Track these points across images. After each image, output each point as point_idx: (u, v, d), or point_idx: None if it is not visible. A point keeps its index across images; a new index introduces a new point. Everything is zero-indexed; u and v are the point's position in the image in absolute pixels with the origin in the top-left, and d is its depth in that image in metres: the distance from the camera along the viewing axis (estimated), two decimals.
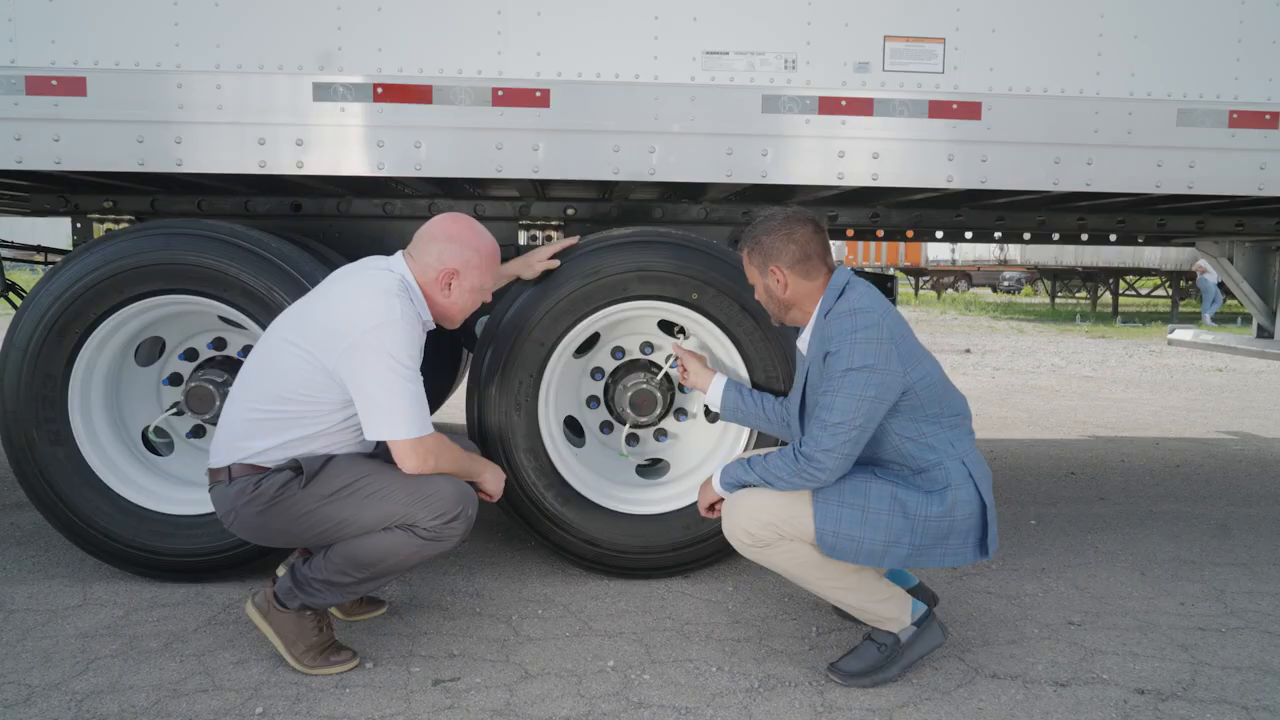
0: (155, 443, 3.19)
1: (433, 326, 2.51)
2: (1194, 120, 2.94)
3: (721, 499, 2.49)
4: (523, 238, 3.67)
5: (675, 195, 3.88)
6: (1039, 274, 23.24)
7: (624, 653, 2.54)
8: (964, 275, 26.78)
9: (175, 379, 3.19)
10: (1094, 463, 5.14)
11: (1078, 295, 24.18)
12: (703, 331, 3.07)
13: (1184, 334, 5.95)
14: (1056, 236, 4.40)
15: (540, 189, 3.53)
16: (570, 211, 3.55)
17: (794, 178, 2.90)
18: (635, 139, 2.83)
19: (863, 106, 2.87)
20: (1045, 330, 16.02)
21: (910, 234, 4.67)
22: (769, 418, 2.74)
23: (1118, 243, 4.56)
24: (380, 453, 2.44)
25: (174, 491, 3.03)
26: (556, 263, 2.94)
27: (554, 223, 3.64)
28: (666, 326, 3.23)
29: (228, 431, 2.36)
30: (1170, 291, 20.44)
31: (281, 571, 2.57)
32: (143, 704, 2.20)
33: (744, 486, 2.39)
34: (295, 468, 2.31)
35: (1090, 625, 2.78)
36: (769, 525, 2.29)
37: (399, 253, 2.46)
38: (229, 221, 2.98)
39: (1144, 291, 22.43)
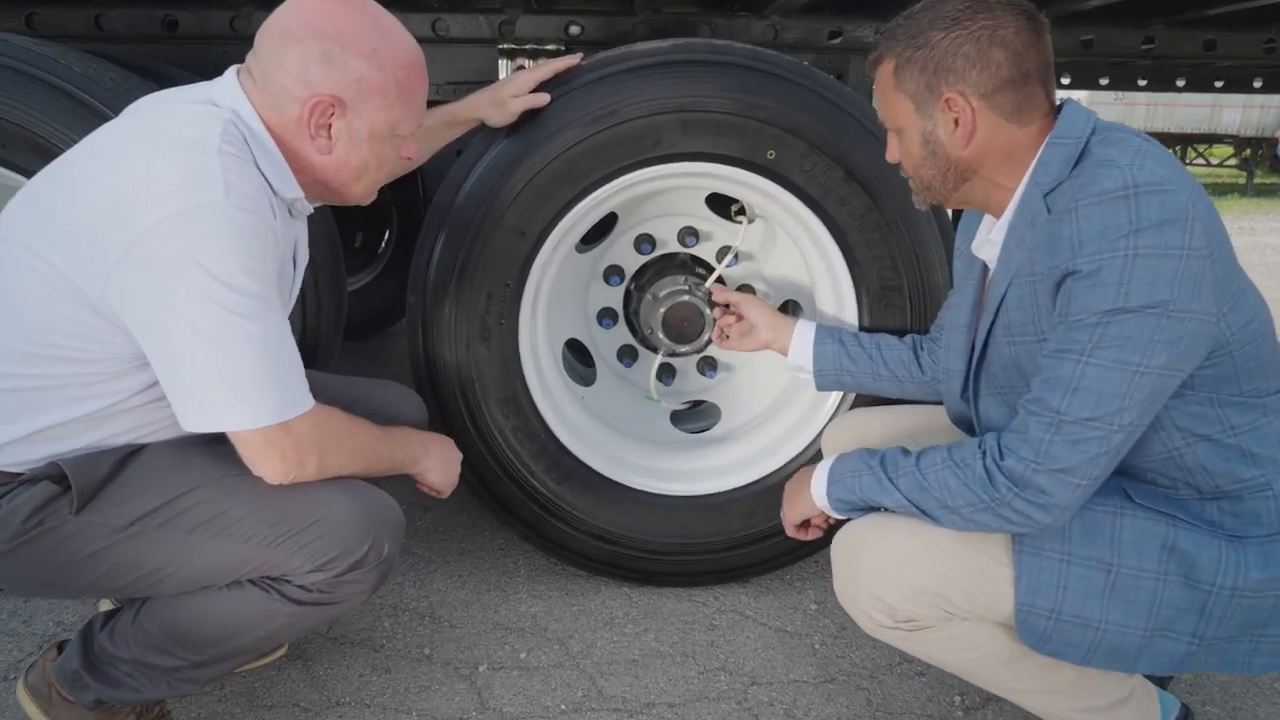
0: None
1: (309, 209, 1.40)
2: None
3: (826, 516, 1.44)
4: (504, 71, 2.49)
5: (727, 6, 2.66)
6: None
7: None
8: None
9: None
10: None
11: None
12: (779, 212, 1.94)
13: None
14: None
15: None
16: (574, 30, 2.34)
17: None
18: None
19: None
20: None
21: (1144, 82, 3.25)
22: (897, 376, 1.65)
23: None
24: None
25: None
26: (544, 98, 1.77)
27: (549, 47, 2.46)
28: (719, 204, 2.11)
29: None
30: (1243, 160, 18.63)
31: (103, 606, 1.58)
32: None
33: (874, 509, 1.33)
34: (57, 477, 1.26)
35: None
36: (929, 594, 1.24)
37: (230, 70, 1.32)
38: (36, 40, 1.84)
39: (1214, 161, 20.56)
